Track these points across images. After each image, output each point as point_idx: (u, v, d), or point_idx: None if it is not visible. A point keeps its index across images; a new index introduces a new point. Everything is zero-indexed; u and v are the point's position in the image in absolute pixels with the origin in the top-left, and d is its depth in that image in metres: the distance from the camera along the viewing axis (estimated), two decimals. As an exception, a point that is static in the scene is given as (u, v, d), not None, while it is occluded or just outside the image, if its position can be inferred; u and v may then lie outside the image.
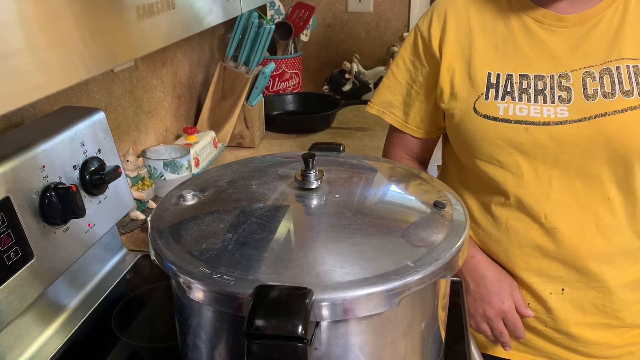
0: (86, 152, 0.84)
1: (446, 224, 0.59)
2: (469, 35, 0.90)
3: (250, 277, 0.49)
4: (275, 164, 0.73)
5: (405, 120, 1.00)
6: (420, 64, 0.96)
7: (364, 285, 0.48)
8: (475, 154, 0.90)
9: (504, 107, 0.85)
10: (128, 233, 1.09)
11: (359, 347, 0.53)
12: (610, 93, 0.82)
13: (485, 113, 0.87)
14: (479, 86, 0.88)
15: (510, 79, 0.86)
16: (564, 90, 0.84)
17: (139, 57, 0.69)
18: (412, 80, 0.98)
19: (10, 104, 0.38)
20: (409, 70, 0.98)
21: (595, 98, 0.82)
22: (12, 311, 0.69)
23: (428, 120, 0.99)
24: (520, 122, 0.84)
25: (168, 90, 1.46)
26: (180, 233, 0.58)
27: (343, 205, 0.61)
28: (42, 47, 0.40)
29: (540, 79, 0.85)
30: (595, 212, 0.87)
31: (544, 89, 0.84)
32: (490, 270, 0.94)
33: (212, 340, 0.57)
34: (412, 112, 0.99)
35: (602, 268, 0.89)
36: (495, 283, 0.93)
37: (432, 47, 0.93)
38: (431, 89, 0.96)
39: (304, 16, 1.88)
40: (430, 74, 0.96)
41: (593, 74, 0.83)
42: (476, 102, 0.88)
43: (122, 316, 0.85)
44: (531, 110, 0.84)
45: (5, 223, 0.68)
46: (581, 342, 0.94)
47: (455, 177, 1.00)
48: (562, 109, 0.83)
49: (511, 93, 0.86)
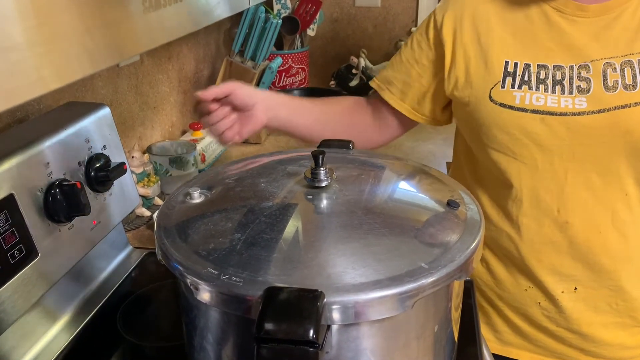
0: (91, 149, 0.83)
1: (460, 223, 0.57)
2: (487, 23, 0.89)
3: (260, 278, 0.48)
4: (284, 161, 0.72)
5: (402, 99, 0.99)
6: (427, 47, 0.95)
7: (376, 288, 0.47)
8: (489, 143, 0.88)
9: (520, 96, 0.84)
10: (133, 230, 1.08)
11: (371, 351, 0.51)
12: (631, 85, 0.80)
13: (500, 101, 0.85)
14: (495, 74, 0.87)
15: (527, 69, 0.85)
16: (583, 80, 0.82)
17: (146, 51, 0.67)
18: (415, 61, 0.97)
19: (13, 99, 0.37)
20: (414, 51, 0.97)
21: (616, 90, 0.81)
22: (16, 310, 0.69)
23: (426, 104, 0.98)
24: (537, 111, 0.83)
25: (174, 85, 1.45)
26: (187, 232, 0.56)
27: (354, 204, 0.59)
28: (45, 41, 0.38)
29: (559, 69, 0.84)
30: (612, 208, 0.85)
31: (562, 79, 0.83)
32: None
33: (219, 342, 0.55)
34: (410, 93, 0.98)
35: (617, 266, 0.87)
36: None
37: (443, 33, 0.92)
38: (433, 74, 0.95)
39: (311, 10, 1.86)
40: (434, 59, 0.94)
41: (614, 65, 0.81)
42: (492, 89, 0.86)
43: (128, 315, 0.84)
44: (548, 100, 0.83)
45: (9, 221, 0.67)
46: (594, 342, 0.92)
47: (467, 171, 0.99)
48: (581, 100, 0.82)
49: (528, 82, 0.84)
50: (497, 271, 0.95)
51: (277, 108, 0.95)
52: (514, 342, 0.98)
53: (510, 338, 0.97)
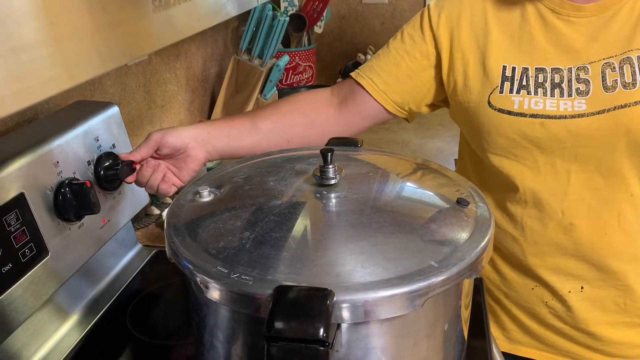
0: (100, 147, 0.83)
1: (470, 222, 0.57)
2: (485, 26, 0.88)
3: (269, 277, 0.48)
4: (292, 159, 0.72)
5: (385, 91, 0.94)
6: (422, 40, 0.92)
7: (386, 287, 0.47)
8: (490, 148, 0.87)
9: (519, 101, 0.83)
10: (143, 228, 1.09)
11: (381, 350, 0.51)
12: (630, 83, 0.79)
13: (499, 107, 0.85)
14: (494, 79, 0.86)
15: (526, 73, 0.84)
16: (582, 82, 0.81)
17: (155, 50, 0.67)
18: (406, 53, 0.93)
19: (25, 100, 0.37)
20: (405, 43, 0.94)
21: (615, 89, 0.80)
22: (27, 309, 0.69)
23: (411, 99, 0.95)
24: (536, 115, 0.82)
25: (182, 83, 1.45)
26: (197, 230, 0.57)
27: (363, 202, 0.59)
28: (56, 41, 0.39)
29: (557, 72, 0.83)
30: (618, 209, 0.84)
31: (560, 82, 0.82)
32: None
33: (229, 340, 0.55)
34: (395, 85, 0.94)
35: (624, 266, 0.87)
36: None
37: (440, 34, 0.90)
38: (423, 69, 0.93)
39: (318, 8, 1.86)
40: (428, 53, 0.92)
41: (613, 64, 0.81)
42: (490, 95, 0.86)
43: (137, 313, 0.84)
44: (547, 103, 0.82)
45: (19, 220, 0.67)
46: (602, 341, 0.92)
47: (472, 172, 0.98)
48: (580, 102, 0.81)
49: (527, 87, 0.84)
50: (504, 270, 0.94)
51: (212, 140, 0.89)
52: (523, 341, 0.97)
53: (519, 336, 0.97)
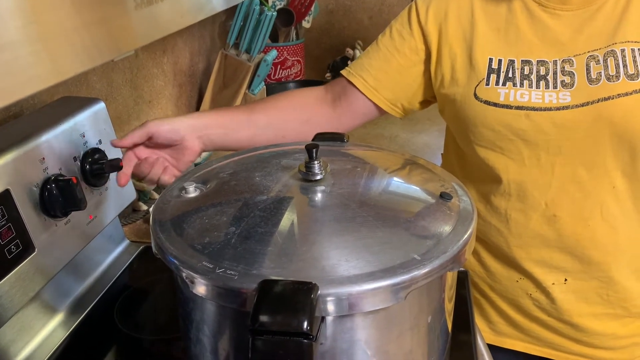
0: (86, 143, 0.83)
1: (453, 215, 0.57)
2: (471, 19, 0.89)
3: (254, 271, 0.49)
4: (278, 155, 0.72)
5: (376, 88, 0.96)
6: (410, 36, 0.94)
7: (370, 280, 0.47)
8: (476, 140, 0.88)
9: (504, 93, 0.84)
10: (130, 224, 1.09)
11: (365, 342, 0.52)
12: (614, 76, 0.80)
13: (485, 99, 0.85)
14: (480, 71, 0.87)
15: (512, 65, 0.85)
16: (567, 75, 0.82)
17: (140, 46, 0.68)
18: (396, 49, 0.95)
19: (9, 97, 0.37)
20: (394, 39, 0.95)
21: (599, 82, 0.81)
22: (14, 305, 0.69)
23: (403, 95, 0.96)
24: (521, 107, 0.83)
25: (169, 79, 1.45)
26: (183, 226, 0.57)
27: (348, 197, 0.59)
28: (40, 38, 0.39)
29: (543, 64, 0.84)
30: (601, 201, 0.85)
31: (546, 75, 0.83)
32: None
33: (215, 334, 0.56)
34: (386, 82, 0.96)
35: (606, 257, 0.88)
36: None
37: (428, 28, 0.91)
38: (413, 64, 0.94)
39: (306, 2, 1.86)
40: (417, 49, 0.93)
41: (597, 57, 0.82)
42: (477, 87, 0.86)
43: (125, 308, 0.84)
44: (532, 95, 0.83)
45: (5, 216, 0.67)
46: (586, 332, 0.93)
47: (456, 165, 0.99)
48: (565, 94, 0.82)
49: (512, 79, 0.85)
50: (489, 263, 0.96)
51: (207, 131, 0.89)
52: (508, 333, 0.98)
53: (504, 328, 0.98)
